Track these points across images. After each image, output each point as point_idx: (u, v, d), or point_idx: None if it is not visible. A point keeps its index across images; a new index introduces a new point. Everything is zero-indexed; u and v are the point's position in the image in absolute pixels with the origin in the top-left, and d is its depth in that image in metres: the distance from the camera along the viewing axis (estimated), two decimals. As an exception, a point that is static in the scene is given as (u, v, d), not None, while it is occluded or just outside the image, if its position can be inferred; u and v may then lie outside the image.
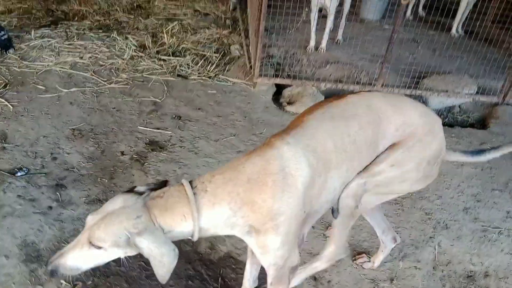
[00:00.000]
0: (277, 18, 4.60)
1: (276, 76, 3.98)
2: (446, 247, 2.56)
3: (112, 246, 1.40)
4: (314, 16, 4.37)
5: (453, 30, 5.55)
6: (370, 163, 1.70)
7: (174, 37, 4.66)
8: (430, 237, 2.61)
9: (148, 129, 3.26)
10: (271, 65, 4.20)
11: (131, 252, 1.45)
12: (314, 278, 2.28)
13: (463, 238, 2.62)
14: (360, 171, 1.69)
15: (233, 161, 1.55)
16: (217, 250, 2.38)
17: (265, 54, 4.18)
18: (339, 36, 4.84)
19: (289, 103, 3.80)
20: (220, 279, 2.22)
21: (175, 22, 5.05)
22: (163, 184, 1.59)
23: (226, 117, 3.51)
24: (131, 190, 1.54)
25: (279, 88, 4.06)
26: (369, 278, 2.32)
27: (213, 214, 1.47)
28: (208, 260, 2.32)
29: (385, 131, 1.72)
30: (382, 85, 4.00)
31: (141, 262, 2.25)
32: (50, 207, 2.51)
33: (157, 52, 4.36)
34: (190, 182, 1.50)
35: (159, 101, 3.61)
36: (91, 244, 1.41)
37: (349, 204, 1.71)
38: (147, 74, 3.97)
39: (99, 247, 1.41)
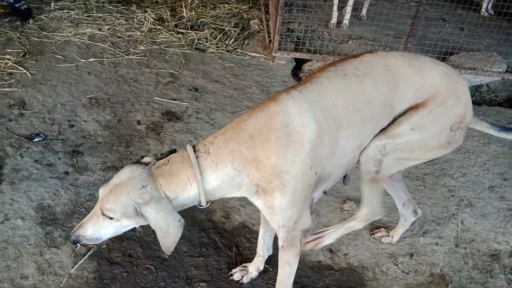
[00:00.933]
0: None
1: (296, 50, 3.88)
2: (469, 225, 2.46)
3: (122, 216, 1.43)
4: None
5: (483, 10, 5.30)
6: (389, 125, 1.61)
7: (193, 11, 4.58)
8: (453, 214, 2.51)
9: (164, 99, 3.22)
10: (291, 40, 4.09)
11: (142, 222, 1.46)
12: (330, 250, 2.22)
13: (487, 217, 2.52)
14: (378, 133, 1.61)
15: (236, 119, 1.50)
16: (231, 219, 2.34)
17: (285, 29, 4.07)
18: (363, 12, 4.68)
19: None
20: (234, 247, 2.19)
21: (194, -3, 4.96)
22: (171, 153, 1.56)
23: (243, 90, 3.44)
24: (138, 161, 1.53)
25: (299, 63, 3.96)
26: (388, 252, 2.25)
27: (217, 175, 1.44)
28: (223, 229, 2.28)
29: (403, 93, 1.62)
30: (406, 62, 3.85)
31: (155, 228, 2.23)
32: (67, 173, 2.50)
33: (176, 26, 4.29)
34: (194, 147, 1.48)
35: (176, 72, 3.56)
36: (103, 215, 1.44)
37: (369, 169, 1.64)
38: (165, 47, 3.91)
39: (111, 218, 1.43)
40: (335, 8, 4.30)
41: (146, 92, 3.27)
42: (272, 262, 2.12)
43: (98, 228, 1.48)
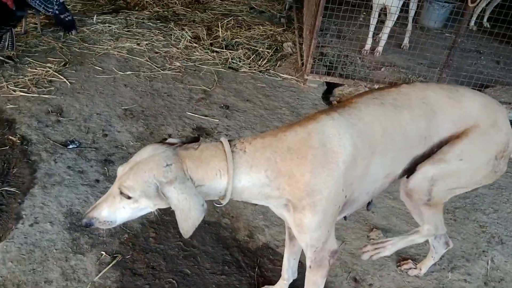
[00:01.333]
0: (333, 20, 4.51)
1: (328, 74, 3.90)
2: (499, 263, 2.36)
3: (142, 195, 1.35)
4: (374, 16, 4.25)
5: (520, 43, 5.21)
6: (435, 154, 1.59)
7: (229, 31, 4.69)
8: (483, 251, 2.42)
9: (196, 115, 3.27)
10: (323, 64, 4.12)
11: (161, 204, 1.40)
12: (354, 279, 2.17)
13: (520, 256, 2.42)
14: (425, 162, 1.59)
15: (275, 129, 1.50)
16: (255, 239, 2.33)
17: (318, 53, 4.10)
18: (405, 41, 4.69)
19: (339, 102, 3.69)
20: (257, 268, 2.17)
21: (230, 18, 5.08)
22: (195, 139, 1.52)
23: (274, 110, 3.46)
24: (161, 141, 1.48)
25: (330, 88, 3.97)
26: (414, 286, 2.18)
27: (249, 176, 1.40)
28: (246, 248, 2.27)
29: (440, 125, 1.61)
30: (440, 92, 3.81)
31: (179, 242, 2.25)
32: (98, 180, 2.56)
33: (211, 44, 4.40)
34: (229, 141, 1.45)
35: (209, 89, 3.63)
36: (121, 194, 1.36)
37: (421, 198, 1.63)
38: (199, 64, 4.01)
39: (129, 197, 1.36)
40: (370, 34, 4.33)
41: (179, 107, 3.34)
42: (297, 285, 2.09)
43: (114, 210, 1.40)
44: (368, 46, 4.40)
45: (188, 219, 1.35)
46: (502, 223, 2.63)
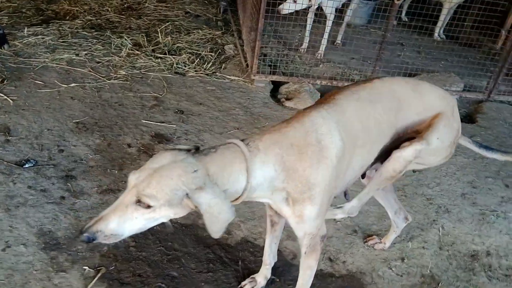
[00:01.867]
0: (268, 21, 4.70)
1: (273, 73, 4.08)
2: (449, 229, 2.69)
3: (164, 204, 1.31)
4: (310, 16, 4.52)
5: (436, 35, 5.83)
6: (425, 133, 1.78)
7: (169, 37, 4.68)
8: (434, 220, 2.73)
9: (152, 122, 3.27)
10: (265, 63, 4.29)
11: (181, 213, 1.39)
12: (330, 259, 2.35)
13: (463, 221, 2.76)
14: (418, 138, 1.78)
15: (277, 125, 1.58)
16: (233, 235, 2.42)
17: (260, 53, 4.26)
18: (338, 39, 5.02)
19: (287, 99, 3.88)
20: (240, 261, 2.26)
21: (168, 23, 5.07)
22: (197, 149, 1.49)
23: (228, 111, 3.56)
24: (173, 148, 1.45)
25: (275, 85, 4.15)
26: (381, 258, 2.41)
27: (262, 172, 1.46)
28: (226, 245, 2.36)
29: (406, 116, 1.82)
30: (375, 83, 4.16)
31: (161, 247, 2.27)
32: (63, 197, 2.48)
33: (153, 51, 4.37)
34: (242, 141, 1.49)
35: (160, 96, 3.63)
36: (138, 203, 1.31)
37: (398, 168, 1.79)
38: (145, 71, 3.98)
39: (149, 206, 1.31)
40: (307, 34, 4.58)
41: (132, 116, 3.31)
42: (277, 273, 2.22)
43: (124, 221, 1.33)
44: (305, 44, 4.66)
45: (218, 222, 1.37)
46: (445, 194, 2.98)
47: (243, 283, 2.13)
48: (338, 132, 1.57)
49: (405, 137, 1.83)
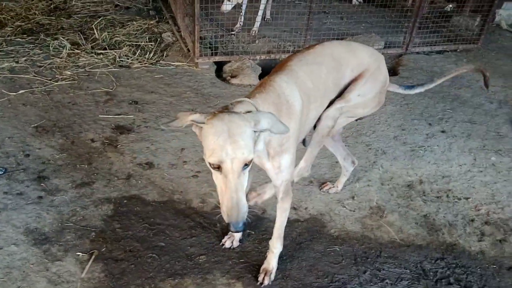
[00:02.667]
0: (204, 5, 4.90)
1: (215, 54, 4.32)
2: (387, 167, 3.16)
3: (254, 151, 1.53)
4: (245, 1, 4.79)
5: (354, 0, 6.31)
6: (344, 93, 2.16)
7: (105, 32, 4.74)
8: (374, 162, 3.19)
9: (109, 116, 3.42)
10: (205, 46, 4.51)
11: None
12: (294, 208, 2.72)
13: (398, 159, 3.25)
14: (337, 99, 2.15)
15: (254, 92, 1.82)
16: (208, 203, 2.71)
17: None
18: (268, 15, 5.32)
19: (232, 76, 4.16)
20: (218, 223, 2.57)
21: (100, 18, 5.10)
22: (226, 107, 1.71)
23: (180, 96, 3.78)
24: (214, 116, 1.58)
25: (219, 66, 4.40)
26: (336, 199, 2.83)
27: (266, 123, 1.61)
28: (203, 212, 2.65)
29: (344, 73, 2.17)
30: (308, 51, 4.54)
31: (145, 224, 2.51)
32: (40, 197, 2.63)
33: (92, 48, 4.44)
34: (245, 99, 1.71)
35: (111, 90, 3.76)
36: (245, 166, 1.49)
37: (328, 124, 2.16)
38: (90, 68, 4.06)
39: (247, 164, 1.50)
40: (242, 13, 4.85)
41: (89, 112, 3.44)
42: (252, 227, 2.55)
43: (244, 187, 1.52)
44: (240, 23, 4.92)
45: (280, 124, 1.60)
46: (380, 139, 3.45)
47: (223, 240, 2.44)
48: (298, 92, 1.89)
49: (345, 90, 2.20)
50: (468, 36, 5.22)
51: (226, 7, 4.49)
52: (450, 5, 6.05)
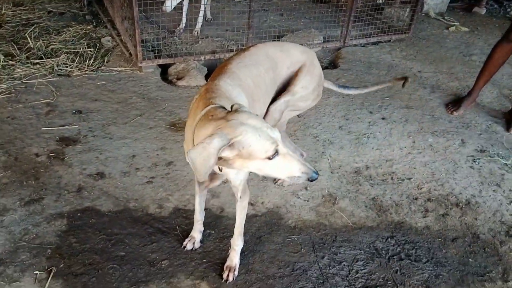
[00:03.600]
0: (143, 8, 4.82)
1: (158, 57, 4.28)
2: (335, 156, 3.31)
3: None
4: (186, 2, 4.76)
5: (291, -5, 6.48)
6: (289, 87, 2.25)
7: (40, 40, 4.53)
8: (322, 152, 3.34)
9: (53, 128, 3.30)
10: (147, 49, 4.45)
11: None
12: (251, 204, 2.79)
13: (344, 147, 3.41)
14: (283, 93, 2.23)
15: (205, 92, 1.85)
16: (165, 207, 2.71)
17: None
18: (208, 15, 5.32)
19: (178, 78, 4.15)
20: (177, 227, 2.58)
21: (33, 26, 4.87)
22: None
23: (126, 101, 3.72)
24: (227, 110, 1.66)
25: (163, 68, 4.37)
26: (290, 191, 2.93)
27: None
28: (161, 217, 2.64)
29: (281, 72, 2.29)
30: (251, 49, 4.61)
31: (102, 235, 2.47)
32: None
33: (28, 58, 4.23)
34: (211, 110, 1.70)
35: (52, 101, 3.62)
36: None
37: (275, 117, 2.25)
38: (27, 80, 3.88)
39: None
40: (184, 14, 4.83)
41: (30, 126, 3.29)
42: (211, 226, 2.59)
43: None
44: (182, 25, 4.89)
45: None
46: (327, 130, 3.60)
47: (184, 243, 2.46)
48: (243, 93, 1.96)
49: (283, 87, 2.30)
50: (400, 27, 5.55)
51: (166, 7, 4.46)
52: (381, -3, 6.38)
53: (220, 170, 1.80)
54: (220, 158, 1.57)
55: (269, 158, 1.55)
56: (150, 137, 3.30)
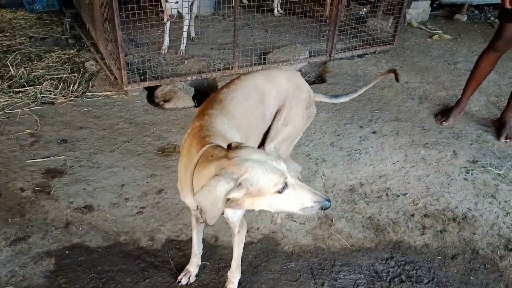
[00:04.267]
0: (125, 31, 4.77)
1: (144, 80, 4.21)
2: (328, 174, 3.26)
3: None
4: (167, 23, 4.72)
5: (275, 11, 6.49)
6: (270, 131, 2.22)
7: (22, 68, 4.43)
8: (316, 171, 3.29)
9: (38, 160, 3.20)
10: (132, 71, 4.39)
11: None
12: (247, 230, 2.71)
13: (337, 165, 3.37)
14: (266, 141, 2.21)
15: (199, 130, 1.77)
16: (157, 239, 2.62)
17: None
18: (193, 34, 5.29)
19: (165, 101, 4.08)
20: (171, 260, 2.49)
21: (14, 53, 4.77)
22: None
23: (112, 127, 3.63)
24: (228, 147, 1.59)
25: (150, 90, 4.30)
26: (285, 215, 2.86)
27: None
28: (153, 250, 2.55)
29: (268, 103, 2.21)
30: (238, 67, 4.58)
31: (92, 274, 2.37)
32: (-23, 258, 2.39)
33: (9, 86, 4.13)
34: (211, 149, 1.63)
35: (36, 131, 3.52)
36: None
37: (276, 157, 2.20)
38: (9, 110, 3.77)
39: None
40: (166, 36, 4.78)
41: (14, 159, 3.18)
42: (206, 257, 2.51)
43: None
44: (165, 46, 4.84)
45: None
46: (318, 147, 3.56)
47: (179, 277, 2.37)
48: (237, 133, 1.90)
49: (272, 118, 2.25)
50: (384, 38, 5.58)
51: (172, 10, 4.42)
52: (364, 9, 6.43)
53: (222, 213, 1.71)
54: (227, 199, 1.50)
55: (279, 192, 1.48)
56: (139, 164, 3.21)
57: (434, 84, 4.68)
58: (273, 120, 2.24)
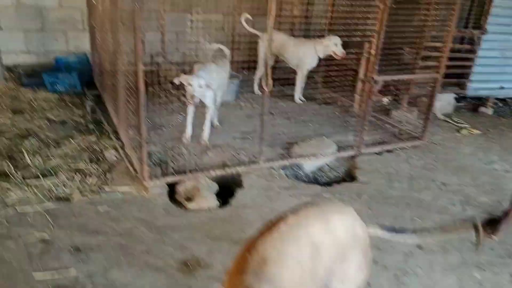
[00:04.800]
0: (148, 114, 4.63)
1: (165, 172, 3.97)
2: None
3: None
4: (190, 110, 4.61)
5: (296, 99, 6.43)
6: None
7: (37, 155, 4.23)
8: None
9: (46, 272, 2.84)
10: (153, 163, 4.16)
11: None
12: None
13: (382, 288, 2.98)
14: None
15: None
16: None
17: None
18: (216, 122, 5.16)
19: (188, 199, 3.80)
20: None
21: (32, 138, 4.60)
22: None
23: (130, 233, 3.31)
24: None
25: (172, 186, 4.03)
26: None
27: None
28: None
29: (323, 257, 1.82)
30: (264, 161, 4.35)
31: None
32: None
33: (24, 178, 3.88)
34: None
35: (47, 236, 3.20)
36: None
37: None
38: (21, 205, 3.49)
39: None
40: (190, 120, 4.66)
41: (20, 271, 2.84)
42: None
43: None
44: (189, 134, 4.68)
45: None
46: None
47: None
48: None
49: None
50: (411, 131, 5.41)
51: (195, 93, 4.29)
52: (387, 99, 6.35)
53: None
54: None
55: None
56: (158, 284, 2.83)
57: (474, 187, 4.39)
58: (327, 279, 1.88)
